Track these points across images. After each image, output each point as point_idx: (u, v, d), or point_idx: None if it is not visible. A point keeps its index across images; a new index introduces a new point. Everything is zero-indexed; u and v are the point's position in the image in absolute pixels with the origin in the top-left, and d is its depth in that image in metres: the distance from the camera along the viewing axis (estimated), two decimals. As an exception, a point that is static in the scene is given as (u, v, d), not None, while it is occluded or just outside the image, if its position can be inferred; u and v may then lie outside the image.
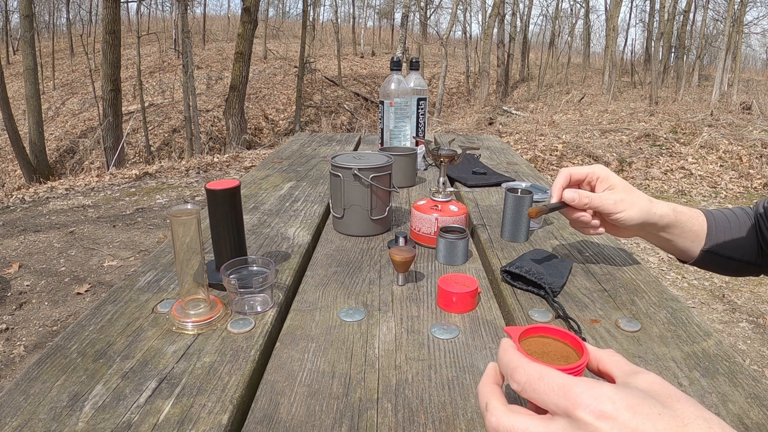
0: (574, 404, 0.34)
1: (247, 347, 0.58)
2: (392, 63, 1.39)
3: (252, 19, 8.37)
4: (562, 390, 0.35)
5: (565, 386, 0.35)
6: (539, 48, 25.57)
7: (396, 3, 27.60)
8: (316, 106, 14.27)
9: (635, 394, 0.34)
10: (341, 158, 0.94)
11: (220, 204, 0.69)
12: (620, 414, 0.32)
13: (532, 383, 0.37)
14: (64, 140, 11.61)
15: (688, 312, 0.68)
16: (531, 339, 0.47)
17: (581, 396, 0.34)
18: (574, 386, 0.35)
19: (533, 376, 0.37)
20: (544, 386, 0.36)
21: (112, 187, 4.76)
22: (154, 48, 19.82)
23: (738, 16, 14.48)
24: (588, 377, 0.37)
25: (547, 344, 0.46)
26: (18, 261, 3.08)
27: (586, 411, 0.33)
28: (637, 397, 0.34)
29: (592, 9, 54.34)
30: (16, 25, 20.53)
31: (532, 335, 0.47)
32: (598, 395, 0.34)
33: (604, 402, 0.33)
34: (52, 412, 0.47)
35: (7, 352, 2.22)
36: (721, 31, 19.39)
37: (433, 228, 0.86)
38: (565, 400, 0.34)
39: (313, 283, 0.75)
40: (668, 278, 3.07)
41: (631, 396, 0.34)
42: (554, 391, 0.35)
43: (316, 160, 1.60)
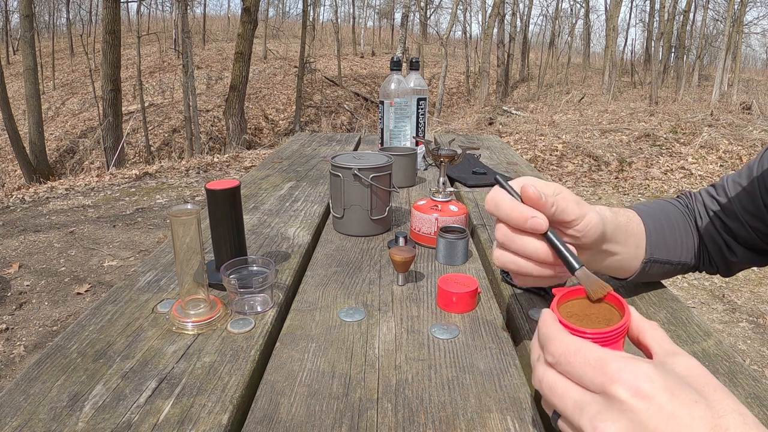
0: (611, 379, 0.33)
1: (247, 347, 0.58)
2: (392, 63, 1.39)
3: (252, 19, 8.37)
4: (599, 364, 0.34)
5: (602, 360, 0.34)
6: (539, 48, 25.57)
7: (396, 3, 27.59)
8: (316, 106, 14.28)
9: (673, 377, 0.33)
10: (341, 158, 0.94)
11: (220, 204, 0.69)
12: (658, 395, 0.31)
13: (567, 356, 0.35)
14: (64, 140, 11.61)
15: (688, 312, 0.68)
16: (574, 301, 0.45)
17: (619, 372, 0.32)
18: (612, 361, 0.33)
19: (569, 349, 0.36)
20: (581, 360, 0.35)
21: (112, 187, 4.76)
22: (154, 48, 19.81)
23: (738, 16, 14.48)
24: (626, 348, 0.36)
25: (589, 306, 0.45)
26: (18, 261, 3.08)
27: (623, 387, 0.32)
28: (675, 381, 0.32)
29: (592, 9, 54.36)
30: (16, 25, 20.53)
31: (576, 297, 0.45)
32: (637, 372, 0.32)
33: (642, 379, 0.32)
34: (52, 412, 0.47)
35: (7, 352, 2.22)
36: (721, 31, 19.39)
37: (433, 228, 0.86)
38: (602, 374, 0.33)
39: (313, 283, 0.75)
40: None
41: (669, 378, 0.32)
42: (590, 365, 0.34)
43: (316, 160, 1.60)
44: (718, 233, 0.70)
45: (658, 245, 0.67)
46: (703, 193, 0.73)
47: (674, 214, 0.71)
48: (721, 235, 0.69)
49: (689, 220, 0.72)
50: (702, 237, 0.71)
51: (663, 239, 0.68)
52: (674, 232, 0.69)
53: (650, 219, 0.68)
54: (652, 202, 0.74)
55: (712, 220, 0.70)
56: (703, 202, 0.72)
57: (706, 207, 0.71)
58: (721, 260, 0.71)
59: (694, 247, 0.71)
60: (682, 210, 0.73)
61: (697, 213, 0.72)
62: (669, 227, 0.69)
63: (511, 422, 0.47)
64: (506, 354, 0.58)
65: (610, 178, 5.20)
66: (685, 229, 0.71)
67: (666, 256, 0.68)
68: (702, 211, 0.71)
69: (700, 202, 0.72)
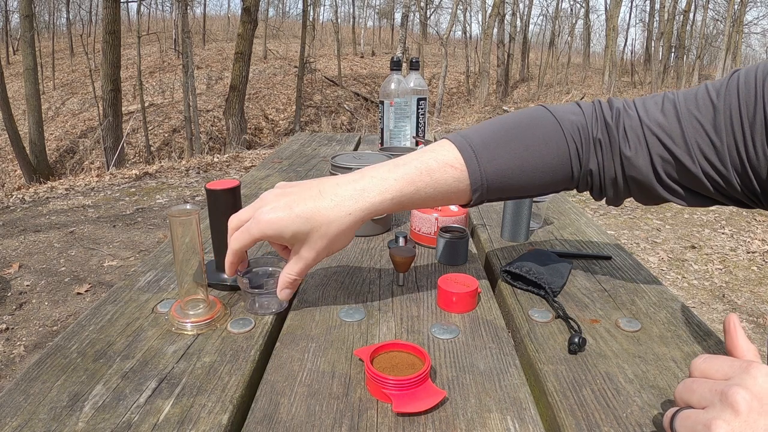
0: (750, 363, 0.39)
1: (247, 347, 0.58)
2: (392, 63, 1.39)
3: (252, 19, 8.37)
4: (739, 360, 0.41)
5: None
6: (539, 48, 25.57)
7: (396, 3, 27.60)
8: (316, 106, 14.28)
9: None
10: (341, 158, 0.94)
11: (220, 204, 0.69)
12: None
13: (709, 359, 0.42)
14: (64, 140, 11.61)
15: (688, 312, 0.68)
16: (381, 356, 0.54)
17: (756, 365, 0.39)
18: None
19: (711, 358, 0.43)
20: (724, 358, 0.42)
21: (112, 187, 4.76)
22: (154, 48, 19.82)
23: (738, 16, 14.49)
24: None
25: (394, 357, 0.54)
26: (18, 261, 3.08)
27: (761, 370, 0.38)
28: None
29: (592, 9, 54.37)
30: (16, 25, 20.52)
31: (381, 353, 0.54)
32: None
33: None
34: (52, 412, 0.47)
35: (7, 352, 2.22)
36: (721, 31, 19.39)
37: (433, 228, 0.86)
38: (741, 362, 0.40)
39: (313, 283, 0.75)
40: (668, 278, 3.07)
41: None
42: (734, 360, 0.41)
43: (316, 160, 1.60)
44: (649, 156, 0.59)
45: (500, 186, 0.60)
46: (640, 109, 0.61)
47: (539, 137, 0.60)
48: (653, 162, 0.59)
49: (567, 140, 0.61)
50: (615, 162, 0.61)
51: (505, 176, 0.60)
52: (526, 162, 0.60)
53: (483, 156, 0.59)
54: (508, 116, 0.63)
55: (648, 141, 0.59)
56: (639, 120, 0.60)
57: (643, 126, 0.59)
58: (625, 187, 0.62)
59: (559, 169, 0.61)
60: (566, 129, 0.61)
61: (621, 130, 0.60)
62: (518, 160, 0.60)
63: (511, 422, 0.47)
64: (506, 354, 0.58)
65: (610, 178, 5.20)
66: (548, 152, 0.60)
67: (515, 189, 0.61)
68: (635, 130, 0.60)
69: (635, 119, 0.60)
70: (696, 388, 0.40)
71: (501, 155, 0.60)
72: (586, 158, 0.62)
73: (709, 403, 0.38)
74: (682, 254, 3.40)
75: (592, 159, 0.62)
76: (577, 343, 0.57)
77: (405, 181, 0.58)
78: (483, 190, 0.61)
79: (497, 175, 0.60)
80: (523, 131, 0.61)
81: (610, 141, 0.61)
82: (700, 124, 0.56)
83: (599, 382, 0.53)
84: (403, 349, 0.54)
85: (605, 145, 0.61)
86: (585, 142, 0.61)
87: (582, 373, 0.54)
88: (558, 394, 0.51)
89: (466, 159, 0.59)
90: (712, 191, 0.58)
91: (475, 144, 0.60)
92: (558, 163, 0.61)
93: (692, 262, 3.28)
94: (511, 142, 0.60)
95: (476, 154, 0.60)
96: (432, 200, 0.61)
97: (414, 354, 0.54)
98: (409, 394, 0.49)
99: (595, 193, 0.65)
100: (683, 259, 3.33)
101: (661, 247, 3.51)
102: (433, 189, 0.59)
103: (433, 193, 0.60)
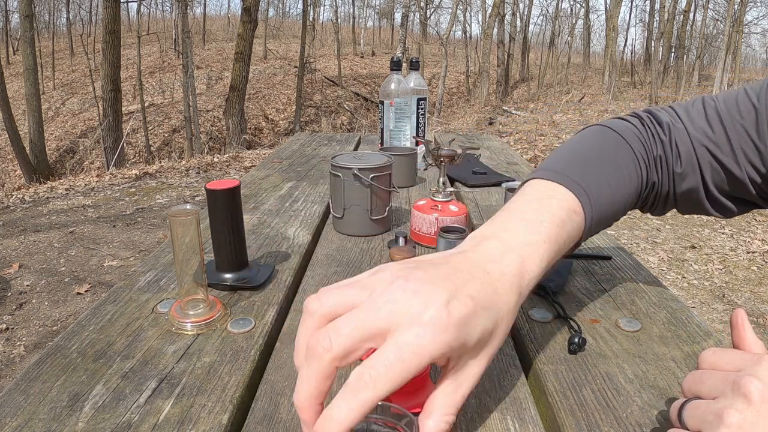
0: (762, 355, 0.39)
1: (247, 347, 0.58)
2: (392, 63, 1.39)
3: (252, 19, 8.37)
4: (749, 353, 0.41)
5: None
6: (539, 48, 25.57)
7: (396, 3, 27.60)
8: (316, 106, 14.28)
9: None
10: (341, 158, 0.94)
11: (220, 204, 0.69)
12: None
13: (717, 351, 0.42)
14: (64, 140, 11.61)
15: (688, 312, 0.68)
16: None
17: None
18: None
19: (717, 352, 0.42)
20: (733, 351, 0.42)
21: (112, 187, 4.76)
22: (154, 48, 19.82)
23: (738, 16, 14.49)
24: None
25: None
26: (18, 261, 3.08)
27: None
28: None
29: (592, 9, 54.35)
30: (16, 25, 20.51)
31: None
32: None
33: None
34: (52, 412, 0.47)
35: (7, 352, 2.22)
36: (721, 31, 19.39)
37: (433, 228, 0.86)
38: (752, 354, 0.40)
39: (313, 283, 0.75)
40: (668, 278, 3.07)
41: None
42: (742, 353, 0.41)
43: (316, 160, 1.60)
44: (699, 170, 0.58)
45: (600, 220, 0.55)
46: (685, 120, 0.60)
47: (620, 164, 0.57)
48: (703, 174, 0.59)
49: (639, 162, 0.58)
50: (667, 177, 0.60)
51: (608, 209, 0.55)
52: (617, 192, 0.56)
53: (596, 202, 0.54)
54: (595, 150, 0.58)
55: (698, 154, 0.58)
56: (686, 133, 0.59)
57: (692, 138, 0.59)
58: (675, 201, 0.62)
59: (634, 193, 0.59)
60: (635, 149, 0.59)
61: (674, 146, 0.59)
62: (618, 186, 0.56)
63: (511, 422, 0.47)
64: (506, 354, 0.58)
65: (610, 178, 5.20)
66: (629, 177, 0.57)
67: (611, 220, 0.58)
68: (686, 144, 0.59)
69: (683, 132, 0.59)
70: (706, 379, 0.40)
71: (605, 194, 0.54)
72: (650, 177, 0.60)
73: (720, 394, 0.38)
74: (682, 254, 3.40)
75: (653, 176, 0.60)
76: (577, 343, 0.57)
77: (551, 241, 0.47)
78: (590, 232, 0.54)
79: (602, 214, 0.54)
80: (611, 163, 0.56)
81: (665, 158, 0.60)
82: (745, 130, 0.56)
83: (599, 382, 0.53)
84: None
85: (663, 162, 0.60)
86: (650, 161, 0.60)
87: (582, 373, 0.54)
88: (558, 394, 0.51)
89: (583, 203, 0.52)
90: (754, 194, 0.58)
91: (582, 183, 0.53)
92: (635, 187, 0.58)
93: (692, 262, 3.28)
94: (607, 177, 0.55)
95: (589, 197, 0.52)
96: (561, 253, 0.50)
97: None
98: (409, 395, 0.49)
99: (647, 207, 0.64)
100: (683, 259, 3.33)
101: (661, 247, 3.51)
102: (566, 240, 0.49)
103: (565, 244, 0.49)
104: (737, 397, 0.36)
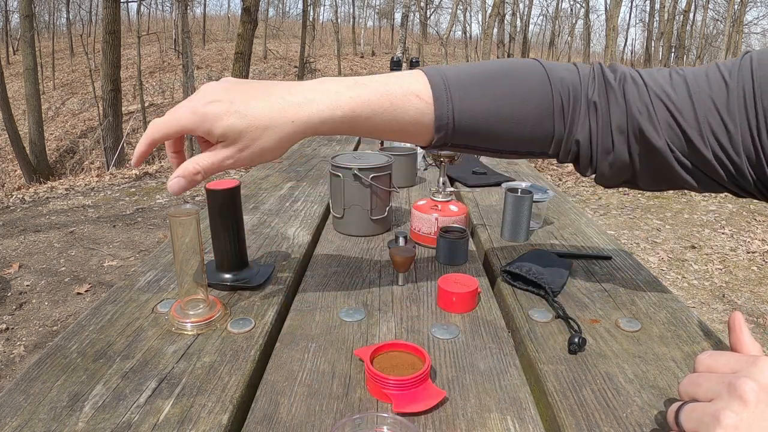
0: (757, 357, 0.39)
1: (247, 347, 0.58)
2: (392, 63, 1.39)
3: (252, 19, 8.36)
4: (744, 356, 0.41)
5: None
6: (539, 48, 25.57)
7: (396, 3, 27.61)
8: (316, 106, 14.26)
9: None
10: (341, 158, 0.94)
11: (220, 204, 0.69)
12: None
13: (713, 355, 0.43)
14: (64, 140, 11.61)
15: (688, 312, 0.68)
16: (381, 356, 0.54)
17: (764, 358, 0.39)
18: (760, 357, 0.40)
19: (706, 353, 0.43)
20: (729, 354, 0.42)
21: (112, 187, 4.76)
22: (154, 48, 19.82)
23: (738, 16, 14.49)
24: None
25: (394, 357, 0.54)
26: (18, 261, 3.08)
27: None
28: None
29: (592, 9, 54.26)
30: (16, 25, 20.51)
31: (381, 353, 0.54)
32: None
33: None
34: (52, 412, 0.47)
35: (7, 352, 2.22)
36: (721, 31, 19.40)
37: (433, 228, 0.86)
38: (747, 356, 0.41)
39: (313, 283, 0.75)
40: (668, 278, 3.07)
41: None
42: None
43: (316, 160, 1.60)
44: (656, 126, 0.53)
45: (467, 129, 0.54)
46: (646, 78, 0.54)
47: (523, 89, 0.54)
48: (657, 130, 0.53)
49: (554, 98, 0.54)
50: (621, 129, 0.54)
51: (476, 120, 0.54)
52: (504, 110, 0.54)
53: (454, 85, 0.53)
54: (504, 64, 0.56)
55: (655, 108, 0.53)
56: (645, 87, 0.54)
57: (649, 92, 0.53)
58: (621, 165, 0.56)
59: (537, 129, 0.55)
60: (555, 86, 0.54)
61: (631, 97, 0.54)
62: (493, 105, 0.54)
63: (511, 422, 0.47)
64: (506, 354, 0.58)
65: (610, 178, 5.20)
66: (531, 105, 0.54)
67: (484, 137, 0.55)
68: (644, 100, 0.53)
69: (642, 87, 0.54)
70: (702, 382, 0.40)
71: (476, 95, 0.53)
72: (574, 121, 0.55)
73: (716, 395, 0.38)
74: (682, 254, 3.40)
75: (583, 124, 0.55)
76: (577, 343, 0.57)
77: (361, 101, 0.51)
78: (448, 130, 0.54)
79: (467, 115, 0.53)
80: (505, 76, 0.55)
81: (609, 106, 0.54)
82: (713, 103, 0.51)
83: (599, 382, 0.53)
84: (403, 349, 0.54)
85: (602, 109, 0.54)
86: (574, 103, 0.55)
87: (582, 373, 0.54)
88: (558, 394, 0.51)
89: (435, 91, 0.53)
90: (725, 179, 0.53)
91: (449, 78, 0.54)
92: (538, 117, 0.54)
93: (692, 262, 3.28)
94: (490, 84, 0.54)
95: (448, 88, 0.53)
96: (388, 130, 0.54)
97: (414, 354, 0.54)
98: (409, 394, 0.49)
99: (582, 165, 0.58)
100: (683, 259, 3.33)
101: (661, 247, 3.50)
102: (392, 117, 0.52)
103: (390, 121, 0.53)
104: (733, 398, 0.36)
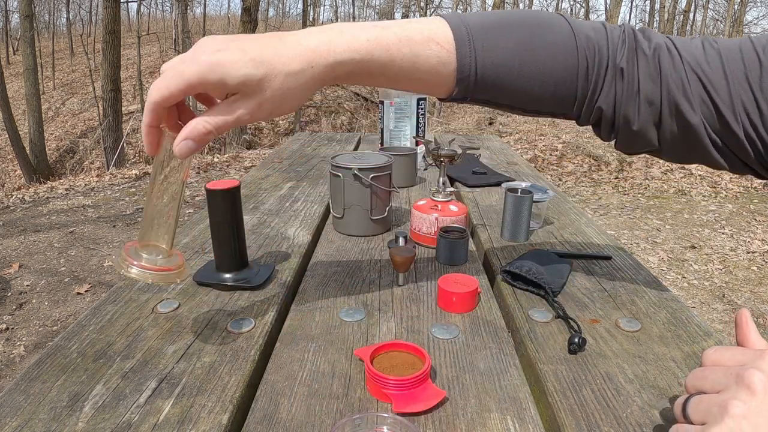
0: (764, 350, 0.40)
1: (247, 347, 0.58)
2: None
3: (252, 19, 8.36)
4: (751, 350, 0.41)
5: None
6: (539, 48, 25.47)
7: (396, 3, 27.60)
8: (316, 106, 14.27)
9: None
10: (341, 158, 0.94)
11: (220, 204, 0.69)
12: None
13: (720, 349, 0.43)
14: (64, 140, 11.61)
15: (688, 312, 0.68)
16: (381, 356, 0.54)
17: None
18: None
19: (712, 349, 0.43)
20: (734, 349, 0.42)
21: (112, 187, 4.76)
22: (154, 48, 19.82)
23: (738, 16, 14.49)
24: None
25: (394, 357, 0.54)
26: (18, 261, 3.08)
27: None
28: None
29: (592, 9, 54.19)
30: (16, 25, 20.51)
31: (381, 353, 0.54)
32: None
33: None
34: (52, 412, 0.47)
35: (7, 352, 2.22)
36: (721, 31, 19.40)
37: (433, 228, 0.86)
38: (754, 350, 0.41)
39: (313, 283, 0.75)
40: (668, 278, 3.07)
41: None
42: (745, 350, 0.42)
43: (316, 160, 1.60)
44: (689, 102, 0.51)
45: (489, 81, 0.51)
46: (681, 47, 0.52)
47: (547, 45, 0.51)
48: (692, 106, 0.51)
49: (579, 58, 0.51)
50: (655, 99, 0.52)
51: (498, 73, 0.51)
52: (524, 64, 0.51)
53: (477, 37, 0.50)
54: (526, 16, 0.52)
55: (690, 81, 0.50)
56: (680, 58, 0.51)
57: (684, 64, 0.51)
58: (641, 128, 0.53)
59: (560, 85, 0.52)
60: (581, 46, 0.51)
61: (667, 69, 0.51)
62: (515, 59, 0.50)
63: (511, 422, 0.47)
64: (506, 354, 0.58)
65: (610, 178, 5.20)
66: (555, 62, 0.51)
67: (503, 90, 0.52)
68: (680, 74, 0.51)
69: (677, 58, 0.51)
70: (709, 375, 0.40)
71: (501, 46, 0.50)
72: (598, 85, 0.52)
73: (724, 387, 0.38)
74: (682, 254, 3.40)
75: (608, 90, 0.52)
76: (577, 343, 0.57)
77: (379, 44, 0.48)
78: (470, 83, 0.51)
79: (491, 68, 0.50)
80: (531, 30, 0.51)
81: (638, 75, 0.51)
82: (747, 80, 0.49)
83: (599, 382, 0.53)
84: (403, 349, 0.55)
85: (629, 77, 0.52)
86: (599, 67, 0.52)
87: (582, 373, 0.54)
88: (558, 394, 0.51)
89: (458, 40, 0.49)
90: (752, 158, 0.51)
91: (472, 26, 0.50)
92: (563, 77, 0.51)
93: (692, 262, 3.28)
94: (515, 36, 0.50)
95: (471, 38, 0.49)
96: (406, 79, 0.50)
97: (414, 354, 0.54)
98: (409, 394, 0.49)
99: (604, 130, 0.55)
100: (683, 259, 3.33)
101: (661, 247, 3.50)
102: (411, 64, 0.49)
103: (410, 69, 0.49)
104: (741, 388, 0.36)
